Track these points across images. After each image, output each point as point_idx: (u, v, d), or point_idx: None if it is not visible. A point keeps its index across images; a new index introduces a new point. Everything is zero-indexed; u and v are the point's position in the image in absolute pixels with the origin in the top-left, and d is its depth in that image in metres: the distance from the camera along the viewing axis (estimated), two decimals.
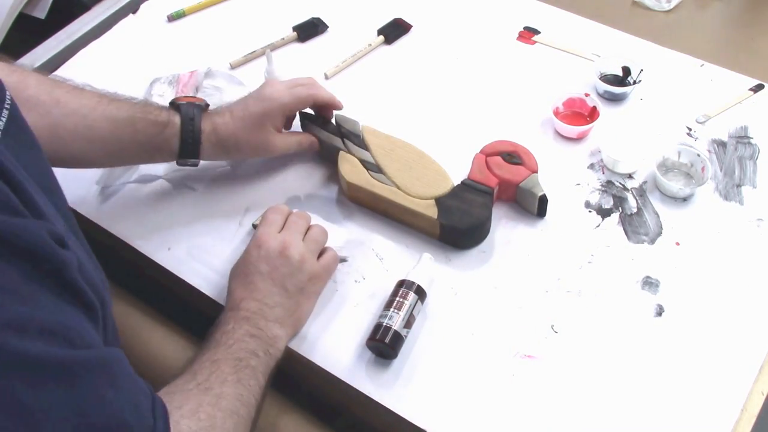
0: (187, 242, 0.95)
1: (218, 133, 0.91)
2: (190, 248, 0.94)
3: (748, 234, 0.93)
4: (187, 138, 0.89)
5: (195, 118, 0.90)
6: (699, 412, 0.79)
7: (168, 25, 1.23)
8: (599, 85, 1.08)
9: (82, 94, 0.88)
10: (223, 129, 0.91)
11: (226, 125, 0.92)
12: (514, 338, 0.85)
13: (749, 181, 0.98)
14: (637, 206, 0.96)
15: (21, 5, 1.26)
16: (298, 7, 1.24)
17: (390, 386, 0.81)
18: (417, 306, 0.84)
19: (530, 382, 0.81)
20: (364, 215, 0.96)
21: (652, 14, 1.25)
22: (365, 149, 0.98)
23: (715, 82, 1.10)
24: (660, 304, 0.87)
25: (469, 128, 1.05)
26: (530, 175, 0.94)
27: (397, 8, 1.23)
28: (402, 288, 0.85)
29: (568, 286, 0.89)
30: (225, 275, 0.89)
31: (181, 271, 0.92)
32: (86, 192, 1.00)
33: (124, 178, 0.99)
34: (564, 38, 1.18)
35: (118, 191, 1.00)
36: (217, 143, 0.91)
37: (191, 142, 0.90)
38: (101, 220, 0.97)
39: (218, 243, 0.94)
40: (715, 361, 0.82)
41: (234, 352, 0.77)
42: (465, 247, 0.92)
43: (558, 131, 1.05)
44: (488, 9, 1.23)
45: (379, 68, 1.15)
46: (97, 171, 0.99)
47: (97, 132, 0.87)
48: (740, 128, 1.04)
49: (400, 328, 0.82)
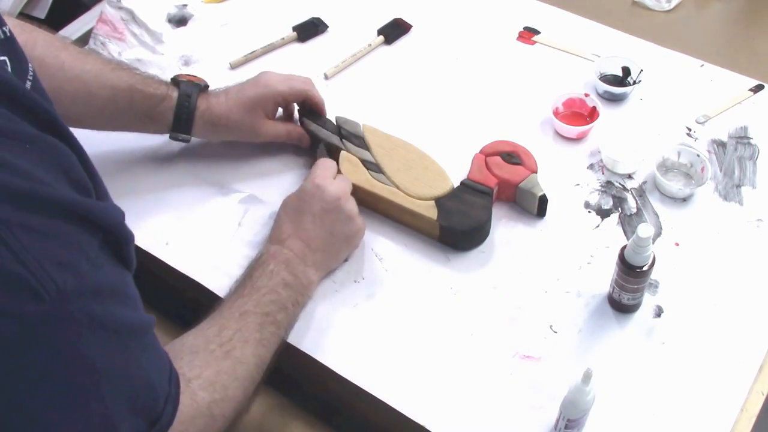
0: (186, 238, 0.95)
1: (212, 111, 0.95)
2: (189, 244, 0.94)
3: (747, 234, 0.93)
4: (182, 114, 0.93)
5: (192, 96, 0.94)
6: (698, 412, 0.79)
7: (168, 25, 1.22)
8: (599, 85, 1.08)
9: (87, 60, 0.92)
10: (217, 108, 0.95)
11: (220, 105, 0.95)
12: (514, 338, 0.85)
13: (749, 181, 0.98)
14: (637, 207, 0.96)
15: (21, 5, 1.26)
16: (298, 7, 1.24)
17: (391, 384, 0.82)
18: None
19: (529, 382, 0.81)
20: (364, 215, 0.95)
21: (652, 14, 1.25)
22: (366, 150, 0.98)
23: (715, 82, 1.10)
24: (659, 305, 0.87)
25: (468, 128, 1.05)
26: (530, 175, 0.94)
27: (397, 8, 1.23)
28: None
29: (568, 286, 0.89)
30: (226, 272, 0.89)
31: (179, 265, 0.92)
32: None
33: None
34: (564, 38, 1.18)
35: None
36: (209, 121, 0.95)
37: (185, 118, 0.94)
38: None
39: (218, 242, 0.94)
40: (714, 361, 0.82)
41: (264, 305, 0.79)
42: (464, 248, 0.92)
43: (558, 131, 1.05)
44: (488, 9, 1.23)
45: (379, 68, 1.15)
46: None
47: (95, 98, 0.91)
48: (740, 128, 1.04)
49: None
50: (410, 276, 0.91)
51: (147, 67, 1.14)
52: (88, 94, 0.90)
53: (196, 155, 1.03)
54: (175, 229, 0.96)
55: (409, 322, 0.87)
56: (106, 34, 1.16)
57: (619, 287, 0.83)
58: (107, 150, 1.03)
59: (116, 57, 1.13)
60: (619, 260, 0.82)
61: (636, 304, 0.85)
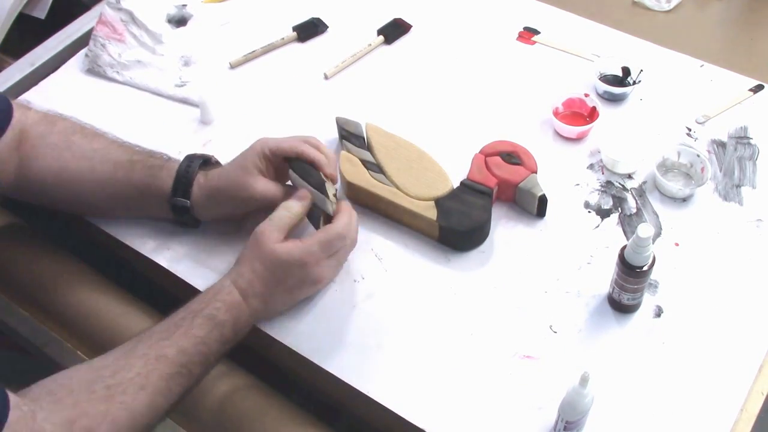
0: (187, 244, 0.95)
1: (208, 176, 0.90)
2: (189, 250, 0.94)
3: (747, 234, 0.93)
4: (181, 178, 0.90)
5: (193, 163, 0.90)
6: (698, 412, 0.79)
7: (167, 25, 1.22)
8: (599, 85, 1.08)
9: (95, 139, 0.93)
10: (213, 173, 0.91)
11: (216, 170, 0.92)
12: (513, 338, 0.85)
13: (749, 181, 0.98)
14: (637, 207, 0.96)
15: (21, 5, 1.26)
16: (298, 7, 1.24)
17: (390, 385, 0.81)
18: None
19: (529, 382, 0.81)
20: (364, 215, 0.95)
21: (652, 14, 1.25)
22: (367, 150, 0.98)
23: (715, 82, 1.10)
24: (659, 305, 0.87)
25: (468, 128, 1.05)
26: (529, 175, 0.94)
27: (397, 8, 1.23)
28: None
29: (568, 286, 0.89)
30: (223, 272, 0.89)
31: (179, 271, 0.92)
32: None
33: None
34: (564, 38, 1.18)
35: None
36: (204, 186, 0.90)
37: (184, 182, 0.89)
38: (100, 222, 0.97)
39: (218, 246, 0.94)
40: (714, 361, 0.82)
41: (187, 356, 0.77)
42: (464, 249, 0.92)
43: (557, 131, 1.05)
44: (488, 9, 1.23)
45: (378, 68, 1.15)
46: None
47: (97, 174, 0.91)
48: (740, 129, 1.04)
49: None
50: (410, 276, 0.91)
51: (147, 67, 1.14)
52: (91, 169, 0.91)
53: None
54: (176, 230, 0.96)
55: (409, 322, 0.87)
56: (106, 36, 1.16)
57: (619, 287, 0.83)
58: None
59: (117, 59, 1.14)
60: (619, 260, 0.82)
61: (636, 304, 0.85)
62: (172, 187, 0.90)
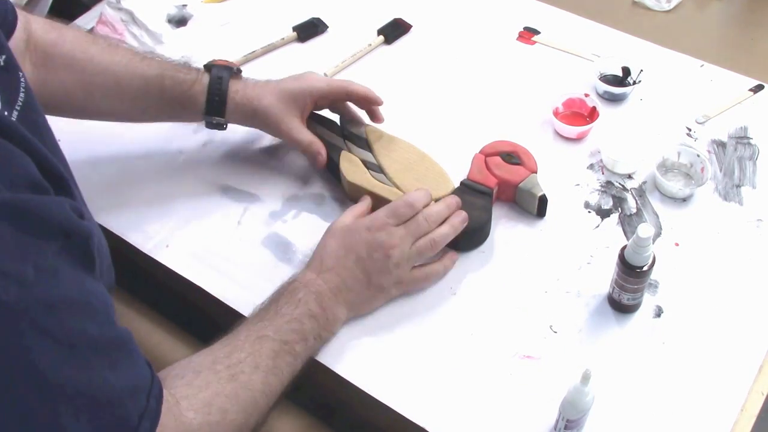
0: (186, 240, 0.95)
1: (244, 92, 0.93)
2: (189, 246, 0.94)
3: (747, 234, 0.93)
4: (214, 95, 0.92)
5: (223, 78, 0.92)
6: (698, 412, 0.79)
7: (168, 25, 1.22)
8: (599, 85, 1.08)
9: (116, 52, 0.92)
10: (252, 90, 0.93)
11: (255, 87, 0.94)
12: (514, 338, 0.85)
13: (749, 181, 0.99)
14: (637, 207, 0.96)
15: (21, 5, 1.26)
16: (298, 7, 1.24)
17: (390, 384, 0.81)
18: None
19: (529, 382, 0.81)
20: None
21: (652, 14, 1.25)
22: (368, 150, 0.98)
23: (715, 82, 1.10)
24: (659, 305, 0.87)
25: (468, 128, 1.05)
26: (530, 175, 0.94)
27: (397, 8, 1.23)
28: None
29: (568, 286, 0.89)
30: (226, 273, 0.89)
31: (179, 268, 0.92)
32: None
33: None
34: (564, 38, 1.18)
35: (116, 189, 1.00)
36: (240, 103, 0.93)
37: (217, 99, 0.92)
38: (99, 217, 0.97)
39: (218, 241, 0.94)
40: (714, 361, 0.82)
41: (284, 333, 0.77)
42: (464, 249, 0.92)
43: (557, 131, 1.05)
44: (488, 9, 1.23)
45: (378, 68, 1.15)
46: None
47: (126, 89, 0.90)
48: (740, 129, 1.04)
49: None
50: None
51: None
52: (119, 85, 0.90)
53: (196, 155, 1.03)
54: (176, 230, 0.96)
55: (409, 322, 0.87)
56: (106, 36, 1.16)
57: (619, 287, 0.83)
58: (106, 152, 1.03)
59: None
60: (619, 260, 0.82)
61: (636, 304, 0.85)
62: (206, 105, 0.92)
